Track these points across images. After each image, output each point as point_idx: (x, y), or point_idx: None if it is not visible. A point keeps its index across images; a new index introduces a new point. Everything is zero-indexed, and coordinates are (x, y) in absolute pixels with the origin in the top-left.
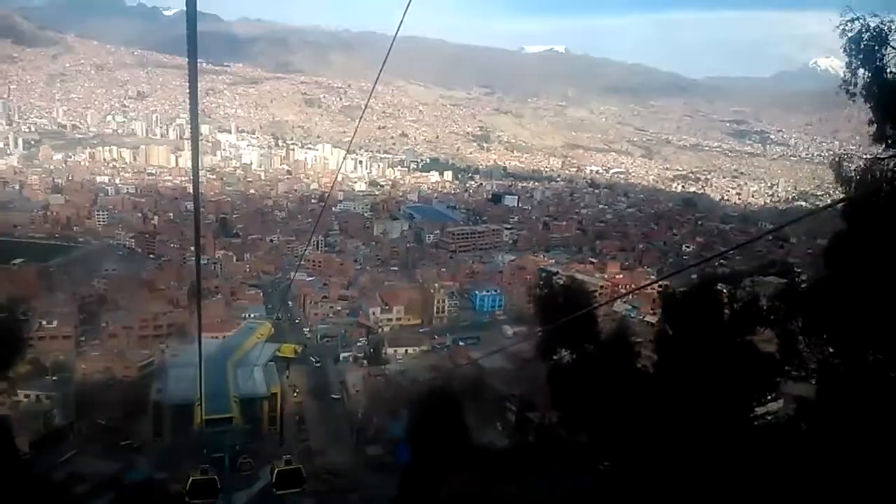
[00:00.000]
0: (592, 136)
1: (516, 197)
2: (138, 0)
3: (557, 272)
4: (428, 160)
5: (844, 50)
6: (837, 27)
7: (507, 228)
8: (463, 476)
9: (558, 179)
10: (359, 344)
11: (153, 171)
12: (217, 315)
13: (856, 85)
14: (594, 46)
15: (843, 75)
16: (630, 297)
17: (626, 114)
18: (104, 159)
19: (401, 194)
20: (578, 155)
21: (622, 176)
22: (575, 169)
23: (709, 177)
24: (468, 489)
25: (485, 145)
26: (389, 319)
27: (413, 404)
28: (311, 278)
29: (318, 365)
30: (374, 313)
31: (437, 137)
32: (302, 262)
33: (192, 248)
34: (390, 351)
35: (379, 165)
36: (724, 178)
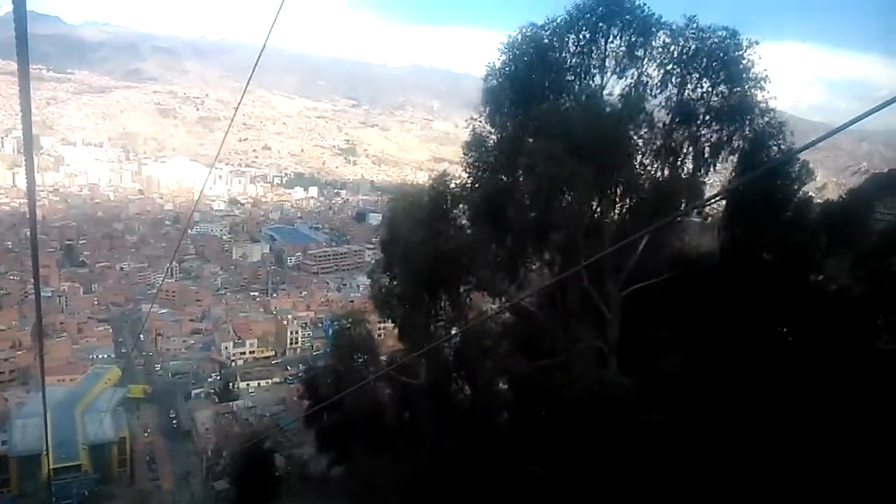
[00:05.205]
0: (457, 150)
1: (381, 214)
2: None
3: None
4: (293, 174)
5: None
6: None
7: (369, 248)
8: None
9: None
10: (210, 380)
11: None
12: (63, 356)
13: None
14: (456, 61)
15: None
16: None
17: None
18: None
19: (262, 213)
20: (444, 168)
21: None
22: None
23: None
24: None
25: (351, 159)
26: (242, 353)
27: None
28: (163, 310)
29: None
30: (226, 347)
31: (303, 150)
32: (155, 292)
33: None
34: (242, 385)
35: (240, 181)
36: None
